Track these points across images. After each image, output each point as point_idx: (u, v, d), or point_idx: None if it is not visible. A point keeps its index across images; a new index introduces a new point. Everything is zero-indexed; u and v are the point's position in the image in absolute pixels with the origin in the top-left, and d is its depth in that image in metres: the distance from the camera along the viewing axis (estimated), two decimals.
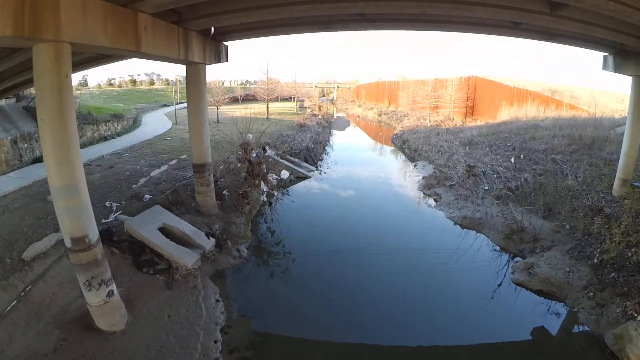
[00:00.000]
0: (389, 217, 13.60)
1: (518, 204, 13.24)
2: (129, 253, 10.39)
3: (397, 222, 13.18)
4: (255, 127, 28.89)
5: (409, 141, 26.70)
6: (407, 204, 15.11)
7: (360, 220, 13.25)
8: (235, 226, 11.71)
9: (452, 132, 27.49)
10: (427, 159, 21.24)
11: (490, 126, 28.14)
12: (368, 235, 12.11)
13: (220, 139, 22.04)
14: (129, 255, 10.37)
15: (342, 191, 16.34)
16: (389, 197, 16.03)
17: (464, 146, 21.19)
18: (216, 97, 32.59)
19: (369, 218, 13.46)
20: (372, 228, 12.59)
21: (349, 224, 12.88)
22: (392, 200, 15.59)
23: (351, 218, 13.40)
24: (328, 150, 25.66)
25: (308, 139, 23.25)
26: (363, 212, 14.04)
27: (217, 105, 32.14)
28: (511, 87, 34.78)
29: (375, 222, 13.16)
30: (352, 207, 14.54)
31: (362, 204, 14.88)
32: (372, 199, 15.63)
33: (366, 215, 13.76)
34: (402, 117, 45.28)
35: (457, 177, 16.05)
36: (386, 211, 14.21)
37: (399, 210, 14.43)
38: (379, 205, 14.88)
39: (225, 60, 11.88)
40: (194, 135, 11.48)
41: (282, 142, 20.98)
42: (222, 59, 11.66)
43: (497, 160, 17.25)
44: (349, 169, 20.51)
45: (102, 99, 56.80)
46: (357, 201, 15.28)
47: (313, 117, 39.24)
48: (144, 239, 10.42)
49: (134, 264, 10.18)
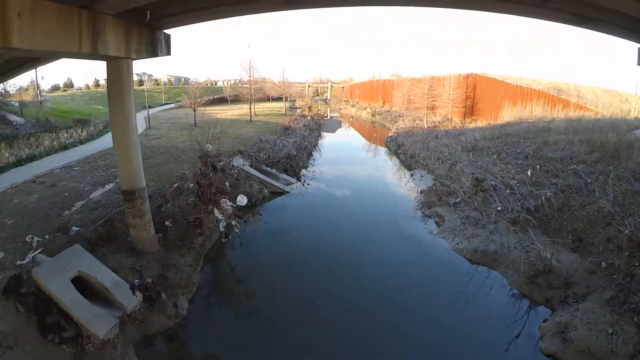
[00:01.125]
0: (381, 249, 10.79)
1: (540, 231, 10.67)
2: (34, 312, 7.75)
3: (391, 257, 10.37)
4: (232, 131, 26.37)
5: (405, 145, 24.08)
6: (403, 230, 12.23)
7: (345, 252, 10.52)
8: (177, 270, 9.00)
9: (451, 134, 24.91)
10: (426, 167, 18.61)
11: (494, 128, 25.59)
12: (354, 273, 9.46)
13: (188, 147, 19.32)
14: (34, 315, 7.73)
15: (325, 211, 13.65)
16: (381, 219, 13.17)
17: (467, 152, 18.61)
18: (192, 99, 29.66)
19: (357, 250, 10.74)
20: (360, 264, 9.90)
21: (331, 258, 10.17)
22: (385, 224, 12.77)
23: (335, 250, 10.68)
24: (315, 157, 23.01)
25: (291, 144, 20.57)
26: (349, 241, 11.33)
27: (194, 107, 29.27)
28: (514, 85, 32.27)
29: (364, 255, 10.46)
30: (337, 234, 11.82)
31: (349, 230, 12.17)
32: (360, 222, 12.88)
33: (353, 245, 11.03)
34: (397, 117, 42.71)
35: (462, 192, 13.45)
36: (377, 240, 11.45)
37: (393, 239, 11.67)
38: (369, 231, 12.13)
39: (165, 52, 9.18)
40: (120, 152, 8.75)
41: (258, 150, 18.27)
42: (160, 51, 8.95)
43: (508, 170, 14.66)
44: (335, 181, 17.86)
45: (84, 101, 53.89)
46: (342, 226, 12.55)
47: (302, 119, 36.61)
48: (51, 293, 7.78)
49: (38, 328, 7.54)
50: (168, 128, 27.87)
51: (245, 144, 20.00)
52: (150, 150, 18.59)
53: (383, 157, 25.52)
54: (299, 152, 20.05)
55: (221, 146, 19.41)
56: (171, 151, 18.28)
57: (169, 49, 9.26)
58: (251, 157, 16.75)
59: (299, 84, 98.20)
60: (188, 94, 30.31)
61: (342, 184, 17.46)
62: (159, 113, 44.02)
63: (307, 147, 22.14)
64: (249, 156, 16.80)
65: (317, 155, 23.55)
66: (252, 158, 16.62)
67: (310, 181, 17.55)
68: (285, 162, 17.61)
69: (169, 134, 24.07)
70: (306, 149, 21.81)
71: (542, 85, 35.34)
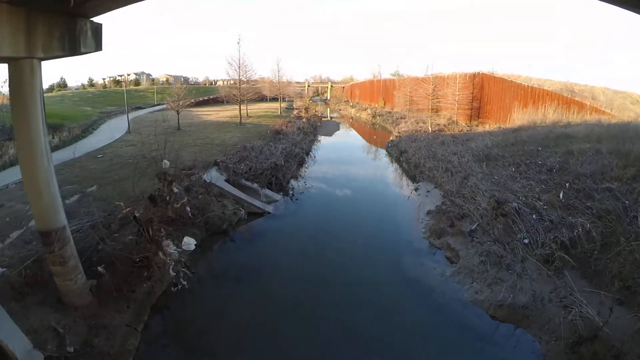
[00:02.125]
0: (379, 303, 8.31)
1: (578, 274, 8.46)
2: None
3: (391, 316, 7.86)
4: (216, 136, 23.97)
5: (408, 152, 21.77)
6: (407, 271, 9.59)
7: (330, 307, 8.08)
8: (108, 333, 6.80)
9: (459, 139, 22.65)
10: (433, 179, 16.31)
11: (505, 133, 23.32)
12: (344, 334, 7.23)
13: (157, 156, 17.06)
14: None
15: (310, 242, 11.23)
16: (380, 254, 10.62)
17: (480, 162, 16.33)
18: (175, 100, 27.28)
19: (347, 303, 8.26)
20: (351, 325, 7.60)
21: (313, 316, 7.90)
22: (385, 262, 10.15)
23: (318, 303, 8.27)
24: (308, 165, 20.74)
25: (279, 151, 18.33)
26: (337, 288, 8.88)
27: (178, 109, 26.94)
28: (524, 85, 29.94)
29: (357, 309, 8.16)
30: (322, 277, 9.33)
31: (337, 270, 9.73)
32: (353, 259, 10.31)
33: (342, 296, 8.54)
34: (399, 119, 40.43)
35: (478, 216, 11.21)
36: (375, 288, 8.93)
37: (394, 285, 9.08)
38: (364, 273, 9.61)
39: (92, 47, 6.96)
40: (26, 183, 6.54)
41: (240, 159, 16.00)
42: (83, 45, 6.73)
43: (531, 188, 12.42)
44: (327, 196, 15.61)
45: (73, 102, 51.79)
46: (329, 264, 10.03)
47: (297, 121, 34.32)
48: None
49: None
50: (149, 133, 25.53)
51: (227, 152, 17.76)
52: (118, 160, 16.41)
53: (383, 165, 23.18)
54: (288, 160, 17.80)
55: (198, 155, 17.26)
56: (141, 162, 16.06)
57: (98, 43, 7.05)
58: (229, 169, 14.48)
59: (297, 83, 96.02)
60: (170, 94, 27.83)
61: (336, 200, 15.18)
62: (148, 115, 41.81)
63: (298, 154, 19.88)
64: (226, 168, 14.53)
65: (310, 164, 21.29)
66: (229, 170, 14.35)
67: (299, 196, 15.30)
68: (271, 173, 15.36)
69: (147, 140, 21.79)
70: (297, 157, 19.55)
71: (554, 86, 33.03)
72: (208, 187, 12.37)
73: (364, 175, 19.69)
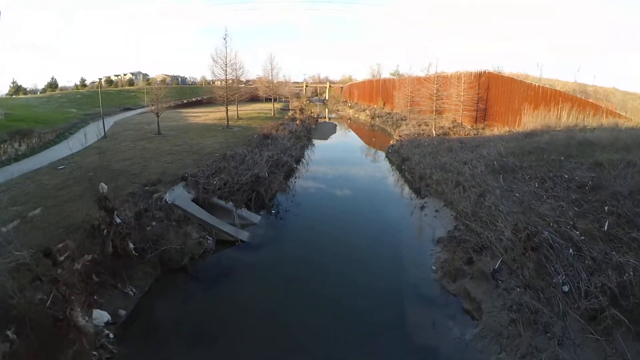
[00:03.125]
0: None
1: (630, 334, 6.34)
2: None
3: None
4: (197, 142, 20.78)
5: (411, 160, 19.52)
6: (414, 332, 7.32)
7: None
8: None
9: (467, 145, 20.46)
10: (442, 195, 14.03)
11: (517, 138, 21.18)
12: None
13: (127, 167, 14.84)
14: None
15: (289, 283, 8.92)
16: (380, 304, 8.29)
17: (495, 174, 14.13)
18: (154, 102, 24.85)
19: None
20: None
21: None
22: (385, 318, 7.84)
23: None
24: (297, 176, 18.53)
25: (264, 160, 16.13)
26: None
27: (157, 112, 24.57)
28: (535, 86, 27.77)
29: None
30: (301, 341, 7.15)
31: (324, 332, 7.40)
32: (344, 313, 7.92)
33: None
34: (399, 121, 38.28)
35: (501, 249, 9.05)
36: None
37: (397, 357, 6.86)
38: (357, 335, 7.28)
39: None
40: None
41: (215, 171, 13.77)
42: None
43: (562, 210, 10.25)
44: (317, 216, 13.28)
45: (59, 104, 49.64)
46: (312, 319, 7.79)
47: (290, 123, 32.09)
48: None
49: None
50: (126, 137, 23.43)
51: (203, 161, 15.53)
52: (77, 174, 14.17)
53: (383, 174, 20.83)
54: (274, 171, 15.57)
55: (170, 166, 15.01)
56: (107, 174, 13.84)
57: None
58: (198, 185, 12.24)
59: (295, 83, 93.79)
60: (150, 95, 25.46)
61: (327, 221, 12.81)
62: (136, 116, 39.69)
63: (286, 163, 17.63)
64: (196, 184, 12.28)
65: (301, 173, 19.08)
66: (199, 187, 12.11)
67: (284, 214, 13.13)
68: (251, 188, 13.13)
69: (119, 147, 19.61)
70: (285, 166, 17.29)
71: (567, 87, 30.90)
72: (169, 210, 10.20)
73: (361, 188, 17.36)
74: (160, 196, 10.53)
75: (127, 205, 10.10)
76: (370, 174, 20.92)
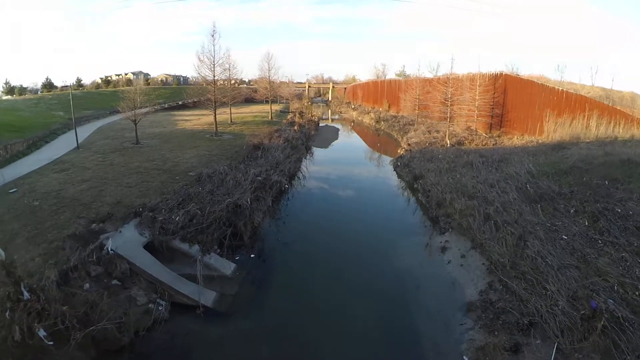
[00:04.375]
0: None
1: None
2: None
3: None
4: (175, 155, 17.77)
5: (425, 179, 16.62)
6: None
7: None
8: None
9: (488, 159, 17.66)
10: (467, 232, 11.05)
11: (544, 150, 18.46)
12: None
13: (73, 195, 12.01)
14: None
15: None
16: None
17: (531, 203, 11.41)
18: (130, 107, 22.15)
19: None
20: None
21: None
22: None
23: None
24: (290, 195, 16.01)
25: (250, 179, 13.53)
26: None
27: (135, 120, 21.97)
28: (558, 90, 24.88)
29: None
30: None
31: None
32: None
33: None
34: (406, 125, 35.53)
35: (555, 327, 6.45)
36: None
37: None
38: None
39: None
40: None
41: (184, 199, 11.19)
42: None
43: (626, 264, 7.62)
44: (307, 261, 10.48)
45: (48, 105, 47.07)
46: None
47: (288, 128, 29.46)
48: None
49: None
50: (99, 149, 20.75)
51: (173, 185, 12.93)
52: (24, 202, 11.59)
53: (391, 195, 17.68)
54: (259, 196, 12.94)
55: (131, 191, 12.31)
56: (54, 203, 11.33)
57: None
58: (156, 222, 9.65)
59: (298, 83, 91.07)
60: (125, 100, 22.75)
61: (321, 271, 9.93)
62: (122, 120, 37.06)
63: (276, 183, 14.94)
64: (153, 222, 9.68)
65: (294, 194, 16.38)
66: (156, 225, 9.53)
67: (267, 256, 10.54)
68: (227, 222, 10.54)
69: (85, 162, 16.80)
70: (275, 187, 14.66)
71: (592, 92, 28.09)
72: (110, 264, 7.68)
73: (366, 218, 14.25)
74: (102, 243, 8.02)
75: (61, 255, 7.64)
76: (376, 195, 17.83)
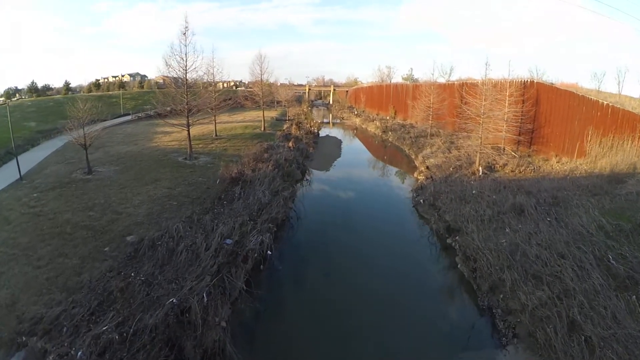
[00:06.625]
0: None
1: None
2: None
3: None
4: (120, 198, 12.81)
5: (463, 234, 12.08)
6: None
7: None
8: None
9: (537, 199, 13.37)
10: (546, 351, 6.83)
11: (599, 183, 14.42)
12: None
13: None
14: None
15: None
16: None
17: (622, 290, 7.23)
18: (79, 125, 17.25)
19: None
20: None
21: None
22: None
23: None
24: (274, 261, 11.40)
25: (212, 250, 9.32)
26: None
27: (84, 144, 17.10)
28: (602, 104, 20.41)
29: None
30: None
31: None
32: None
33: None
34: (419, 138, 31.14)
35: None
36: None
37: None
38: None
39: None
40: None
41: (99, 305, 7.03)
42: None
43: None
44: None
45: (23, 114, 42.54)
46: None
47: (281, 145, 24.87)
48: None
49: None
50: (42, 182, 15.82)
51: (98, 260, 8.65)
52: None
53: (415, 255, 12.37)
54: (224, 277, 8.71)
55: (29, 284, 7.64)
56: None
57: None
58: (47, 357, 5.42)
59: (296, 86, 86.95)
60: (71, 115, 17.63)
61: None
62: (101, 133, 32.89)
63: (256, 245, 10.66)
64: (44, 356, 5.45)
65: (280, 257, 11.52)
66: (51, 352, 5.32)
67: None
68: (166, 339, 6.43)
69: (12, 209, 12.04)
70: (252, 252, 10.37)
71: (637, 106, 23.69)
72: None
73: (385, 299, 9.58)
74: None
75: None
76: (395, 251, 12.65)
